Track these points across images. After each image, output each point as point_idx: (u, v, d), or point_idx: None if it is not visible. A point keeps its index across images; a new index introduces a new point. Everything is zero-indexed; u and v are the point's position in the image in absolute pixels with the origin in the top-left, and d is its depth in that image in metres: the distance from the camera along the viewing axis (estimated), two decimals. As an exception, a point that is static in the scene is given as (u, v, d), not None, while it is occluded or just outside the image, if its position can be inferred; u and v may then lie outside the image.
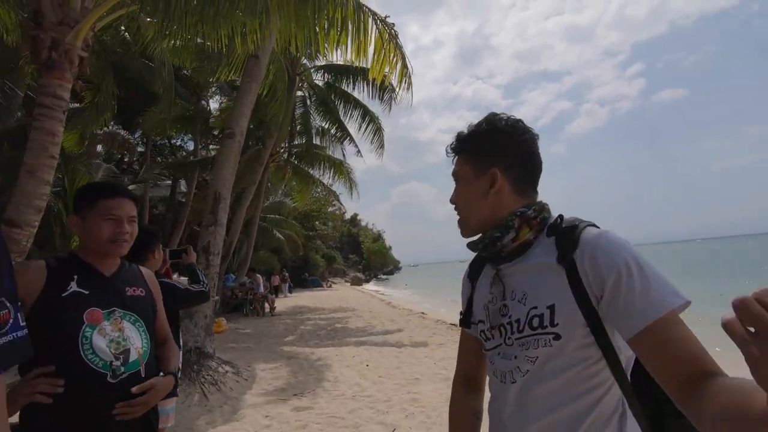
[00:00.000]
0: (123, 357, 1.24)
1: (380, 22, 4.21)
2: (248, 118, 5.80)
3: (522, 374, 0.87)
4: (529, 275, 0.89)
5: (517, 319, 0.88)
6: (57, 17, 4.46)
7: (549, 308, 0.83)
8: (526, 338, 0.86)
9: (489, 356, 0.97)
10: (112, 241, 1.30)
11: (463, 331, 1.10)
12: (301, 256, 26.90)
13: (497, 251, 0.93)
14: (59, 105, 4.43)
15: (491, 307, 0.95)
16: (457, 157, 1.01)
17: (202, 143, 17.98)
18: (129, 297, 1.34)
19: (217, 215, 5.47)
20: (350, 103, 13.14)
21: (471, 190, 0.97)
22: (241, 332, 9.52)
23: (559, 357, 0.83)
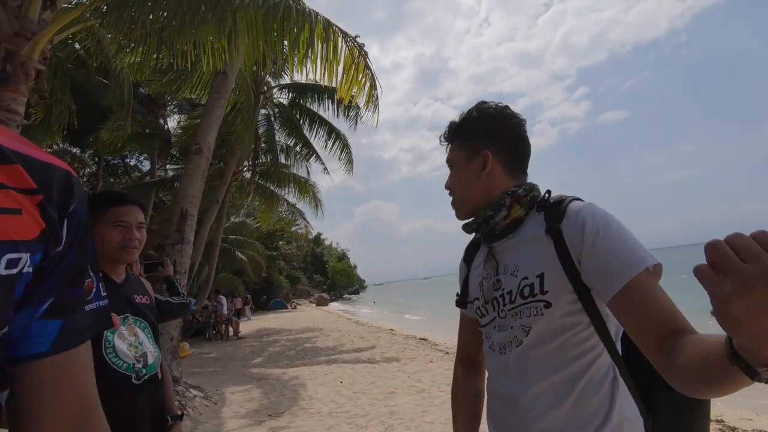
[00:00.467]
0: (143, 360, 1.29)
1: (350, 40, 4.26)
2: (216, 134, 5.71)
3: (518, 344, 0.91)
4: (521, 249, 0.94)
5: (509, 290, 0.93)
6: (13, 28, 4.29)
7: (539, 277, 0.88)
8: (518, 308, 0.91)
9: (485, 332, 1.01)
10: (122, 247, 1.33)
11: (462, 315, 1.15)
12: (265, 277, 26.16)
13: (490, 229, 0.97)
14: (13, 119, 4.22)
15: (485, 283, 0.99)
16: (450, 144, 1.06)
17: (160, 163, 17.37)
18: (138, 304, 1.39)
19: (184, 233, 5.31)
20: (315, 121, 13.16)
21: (465, 174, 1.01)
22: (205, 356, 9.11)
23: (550, 324, 0.87)
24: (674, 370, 0.68)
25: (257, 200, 15.86)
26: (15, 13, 4.31)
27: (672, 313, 0.75)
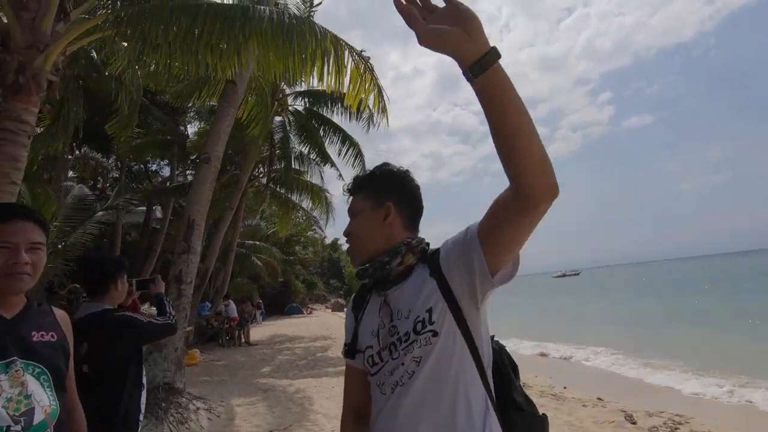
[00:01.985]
0: (25, 420, 1.03)
1: (356, 55, 4.39)
2: (225, 143, 5.71)
3: (409, 377, 0.98)
4: (412, 292, 1.03)
5: (405, 332, 1.00)
6: (26, 41, 4.35)
7: (428, 311, 0.98)
8: (411, 344, 0.98)
9: (376, 380, 1.05)
10: (6, 274, 1.07)
11: (348, 367, 1.17)
12: (282, 282, 26.31)
13: (385, 275, 1.05)
14: (24, 129, 4.26)
15: (381, 331, 1.04)
16: (354, 196, 1.15)
17: (179, 169, 17.69)
18: (35, 343, 1.13)
19: (191, 242, 5.28)
20: (330, 128, 13.20)
21: (368, 222, 1.10)
22: (215, 364, 9.12)
23: (438, 352, 0.97)
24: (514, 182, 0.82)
25: (273, 206, 15.96)
26: (29, 25, 4.38)
27: None
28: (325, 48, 4.27)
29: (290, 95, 13.39)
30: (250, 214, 20.00)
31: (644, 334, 11.89)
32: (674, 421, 4.62)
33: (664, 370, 7.63)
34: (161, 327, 2.08)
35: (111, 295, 2.00)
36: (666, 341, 10.42)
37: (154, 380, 4.72)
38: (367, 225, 1.10)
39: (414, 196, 1.14)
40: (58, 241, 7.75)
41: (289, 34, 4.23)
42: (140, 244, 17.10)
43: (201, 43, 4.61)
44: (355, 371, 1.15)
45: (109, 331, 1.89)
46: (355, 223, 1.12)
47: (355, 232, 1.12)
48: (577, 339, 11.82)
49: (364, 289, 1.17)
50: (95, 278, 1.99)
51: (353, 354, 1.12)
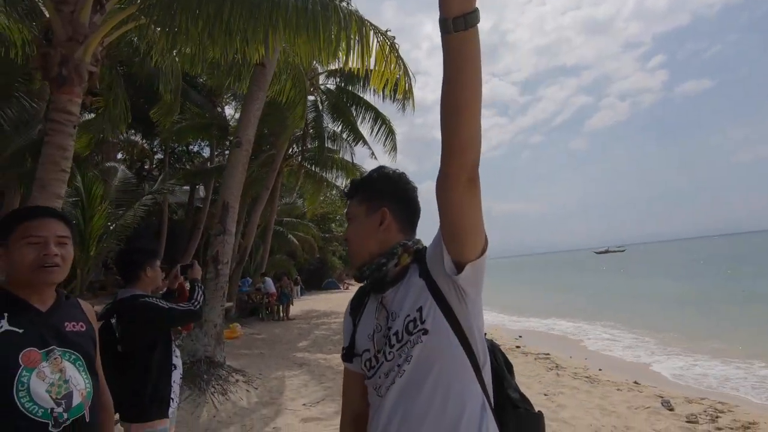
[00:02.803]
0: (65, 402, 1.13)
1: (381, 35, 4.41)
2: (255, 126, 5.81)
3: (401, 375, 0.98)
4: (404, 294, 1.03)
5: (395, 332, 1.00)
6: (67, 34, 4.54)
7: (418, 310, 0.98)
8: (404, 345, 0.99)
9: (372, 384, 1.05)
10: (38, 267, 1.15)
11: (347, 371, 1.17)
12: (318, 258, 27.01)
13: (382, 276, 1.05)
14: (69, 120, 4.51)
15: (377, 334, 1.04)
16: (351, 200, 1.15)
17: (218, 149, 18.26)
18: (68, 333, 1.22)
19: (226, 224, 5.50)
20: (362, 106, 13.14)
21: (363, 227, 1.10)
22: (255, 338, 9.58)
23: (429, 350, 0.97)
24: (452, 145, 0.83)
25: (307, 184, 16.25)
26: (68, 18, 4.56)
27: None
28: (349, 31, 4.29)
29: (322, 74, 13.36)
30: (287, 193, 20.46)
31: (691, 316, 11.35)
32: (716, 409, 4.44)
33: (710, 356, 7.29)
34: (183, 313, 2.16)
35: (142, 282, 2.14)
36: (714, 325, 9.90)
37: (196, 354, 5.05)
38: (362, 230, 1.11)
39: (409, 198, 1.13)
40: (110, 223, 8.31)
41: (314, 18, 4.27)
42: (185, 222, 17.97)
43: (228, 30, 4.67)
44: (354, 375, 1.15)
45: (134, 315, 2.04)
46: (351, 229, 1.13)
47: (351, 237, 1.13)
48: (613, 319, 11.48)
49: (362, 293, 1.17)
50: (126, 267, 2.15)
51: (351, 358, 1.12)
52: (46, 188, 4.35)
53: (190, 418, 4.21)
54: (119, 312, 2.06)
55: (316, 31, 4.39)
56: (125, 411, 1.97)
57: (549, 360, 7.03)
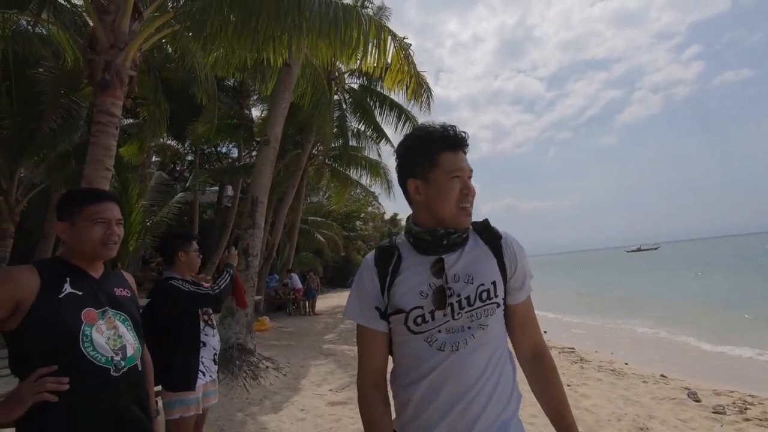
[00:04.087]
0: (121, 352, 1.30)
1: (398, 40, 4.77)
2: (282, 125, 6.06)
3: (473, 339, 1.08)
4: (472, 261, 1.12)
5: (467, 296, 1.08)
6: (109, 41, 4.88)
7: (492, 284, 1.11)
8: (477, 310, 1.09)
9: (422, 338, 1.08)
10: (103, 243, 1.34)
11: (370, 332, 1.14)
12: (343, 256, 27.33)
13: (452, 243, 1.11)
14: (112, 122, 4.85)
15: (435, 291, 1.08)
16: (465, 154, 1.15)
17: (246, 150, 18.80)
18: (118, 297, 1.39)
19: (255, 218, 5.76)
20: (386, 105, 13.27)
21: None
22: (284, 330, 9.89)
23: (498, 321, 1.13)
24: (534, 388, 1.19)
25: (332, 182, 16.53)
26: (110, 27, 4.90)
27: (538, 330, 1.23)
28: (368, 35, 4.59)
29: (346, 73, 13.58)
30: (313, 192, 20.85)
31: (728, 313, 10.97)
32: (745, 401, 4.36)
33: (744, 350, 7.08)
34: (200, 297, 2.29)
35: (178, 265, 2.36)
36: (752, 323, 9.55)
37: (229, 341, 5.32)
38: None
39: None
40: (147, 220, 8.78)
41: (336, 23, 4.55)
42: (214, 221, 18.60)
43: (256, 34, 4.92)
44: (379, 336, 1.14)
45: (161, 295, 2.26)
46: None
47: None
48: (643, 314, 11.22)
49: (386, 252, 1.15)
50: (164, 251, 2.40)
51: (389, 317, 1.11)
52: (92, 185, 4.70)
53: (224, 400, 4.47)
54: (153, 291, 2.30)
55: (338, 35, 4.65)
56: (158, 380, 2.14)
57: (574, 354, 7.00)
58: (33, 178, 9.45)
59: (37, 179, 9.39)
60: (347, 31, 4.59)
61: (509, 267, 1.15)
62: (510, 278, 1.15)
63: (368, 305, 1.14)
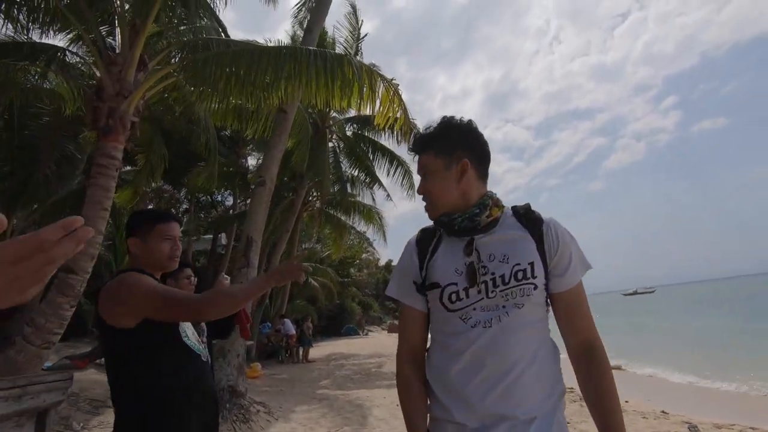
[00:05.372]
0: (199, 343, 1.57)
1: (387, 82, 5.02)
2: (278, 167, 6.27)
3: (506, 317, 1.07)
4: (507, 242, 1.12)
5: (501, 274, 1.08)
6: (114, 90, 5.17)
7: (530, 264, 1.09)
8: (512, 288, 1.08)
9: (457, 315, 1.10)
10: (171, 257, 1.55)
11: (409, 309, 1.20)
12: (337, 303, 26.85)
13: (475, 224, 1.13)
14: (113, 164, 5.03)
15: (469, 269, 1.10)
16: (423, 154, 1.19)
17: (241, 198, 19.03)
18: None
19: (249, 258, 5.81)
20: (378, 150, 13.71)
21: (444, 180, 1.15)
22: (276, 378, 9.58)
23: (535, 302, 1.10)
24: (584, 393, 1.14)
25: (327, 228, 16.63)
26: (116, 77, 5.21)
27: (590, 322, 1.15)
28: (361, 82, 4.88)
29: (339, 121, 14.13)
30: (306, 238, 20.88)
31: (723, 353, 10.85)
32: (746, 434, 4.30)
33: (743, 386, 6.98)
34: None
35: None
36: (746, 361, 9.46)
37: (219, 383, 5.17)
38: (443, 183, 1.15)
39: (482, 144, 1.19)
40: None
41: (332, 74, 4.89)
42: (208, 268, 18.44)
43: (253, 85, 5.25)
44: (417, 313, 1.19)
45: None
46: (431, 183, 1.17)
47: (432, 190, 1.17)
48: (647, 356, 11.04)
49: (428, 234, 1.21)
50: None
51: (425, 291, 1.15)
52: (89, 225, 4.79)
53: (213, 444, 4.30)
54: None
55: (333, 82, 4.97)
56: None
57: (573, 393, 6.83)
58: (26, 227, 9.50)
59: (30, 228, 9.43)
60: (341, 77, 4.89)
61: (549, 251, 1.11)
62: (551, 263, 1.11)
63: (407, 281, 1.19)
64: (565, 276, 1.12)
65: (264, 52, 5.37)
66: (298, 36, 11.44)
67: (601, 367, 1.09)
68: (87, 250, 4.74)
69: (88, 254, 4.74)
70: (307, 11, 9.65)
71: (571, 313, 1.13)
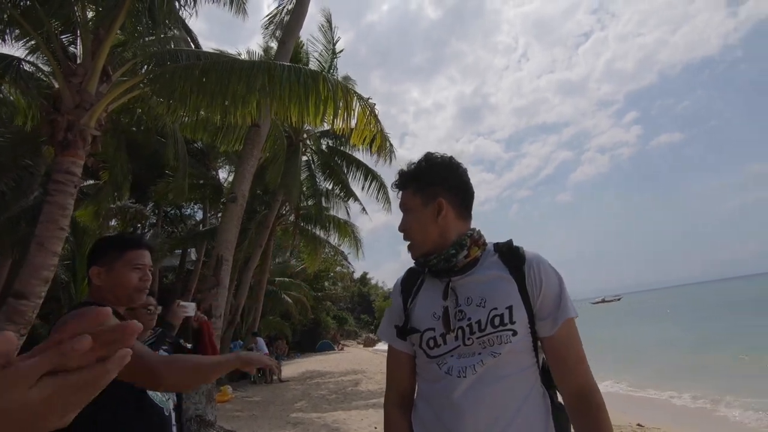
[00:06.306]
0: (166, 393, 1.40)
1: (363, 101, 5.00)
2: (249, 183, 6.07)
3: (481, 365, 1.00)
4: (485, 284, 1.05)
5: (477, 320, 1.02)
6: (74, 102, 4.88)
7: (508, 308, 1.01)
8: (488, 335, 1.01)
9: (437, 361, 1.06)
10: (139, 289, 1.37)
11: (395, 352, 1.17)
12: (312, 318, 26.35)
13: (452, 266, 1.07)
14: (71, 180, 4.71)
15: (448, 314, 1.05)
16: (404, 191, 1.16)
17: (211, 212, 18.50)
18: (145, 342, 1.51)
19: (219, 277, 5.55)
20: (353, 164, 13.63)
21: (421, 218, 1.12)
22: (248, 400, 9.19)
23: (515, 350, 1.01)
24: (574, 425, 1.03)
25: (301, 243, 16.33)
26: (76, 88, 4.92)
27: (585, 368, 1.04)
28: (337, 98, 4.81)
29: (313, 135, 13.99)
30: (280, 252, 20.45)
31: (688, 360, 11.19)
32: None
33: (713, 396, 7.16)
34: None
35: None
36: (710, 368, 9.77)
37: (187, 412, 4.86)
38: (420, 221, 1.11)
39: (462, 182, 1.14)
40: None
41: (306, 90, 4.79)
42: (176, 285, 17.74)
43: (224, 99, 5.09)
44: (404, 356, 1.14)
45: None
46: (409, 221, 1.13)
47: (410, 228, 1.13)
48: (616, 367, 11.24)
49: (413, 274, 1.17)
50: None
51: (405, 335, 1.11)
52: (44, 245, 4.45)
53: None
54: None
55: (307, 99, 4.88)
56: None
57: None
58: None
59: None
60: (315, 94, 4.82)
61: (531, 293, 1.04)
62: (535, 306, 1.04)
63: (391, 323, 1.17)
64: (548, 320, 1.03)
65: (236, 65, 5.22)
66: (272, 48, 11.31)
67: (597, 418, 1.00)
68: (41, 273, 4.41)
69: (42, 277, 4.40)
70: (275, 26, 9.55)
71: (561, 358, 1.04)
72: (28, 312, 4.31)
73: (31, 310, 4.34)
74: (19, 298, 4.30)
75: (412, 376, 1.15)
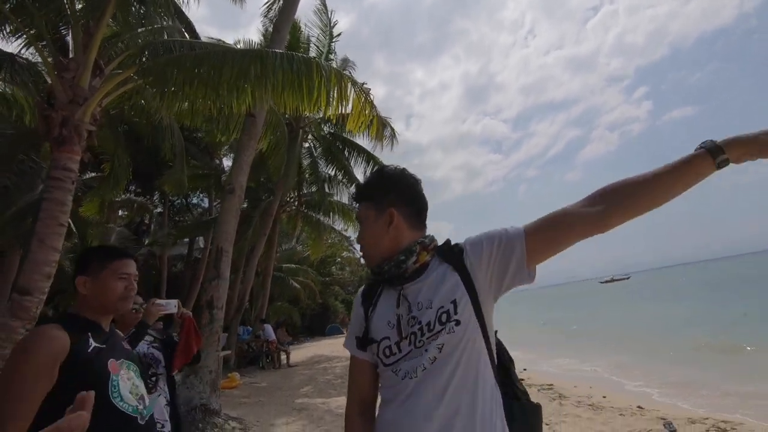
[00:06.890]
0: (142, 401, 1.36)
1: (358, 87, 4.96)
2: (247, 174, 6.06)
3: (431, 362, 1.03)
4: (432, 286, 1.09)
5: (427, 322, 1.05)
6: (68, 97, 4.86)
7: (452, 303, 1.05)
8: (437, 333, 1.04)
9: (392, 368, 1.09)
10: (124, 298, 1.40)
11: (356, 360, 1.20)
12: (321, 303, 26.68)
13: (402, 272, 1.10)
14: (69, 176, 4.74)
15: (401, 323, 1.08)
16: (360, 204, 1.21)
17: (217, 201, 18.61)
18: (125, 348, 1.46)
19: (220, 269, 5.60)
20: (354, 149, 13.57)
21: (374, 230, 1.16)
22: (255, 386, 9.38)
23: (459, 339, 1.03)
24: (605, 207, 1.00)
25: (305, 229, 16.41)
26: (69, 83, 4.90)
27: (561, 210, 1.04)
28: (330, 85, 4.77)
29: (314, 122, 13.90)
30: (286, 239, 20.59)
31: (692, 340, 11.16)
32: (719, 428, 4.36)
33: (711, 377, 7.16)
34: None
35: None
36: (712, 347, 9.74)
37: (191, 402, 4.99)
38: (373, 232, 1.15)
39: (413, 193, 1.17)
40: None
41: (299, 77, 4.75)
42: (185, 274, 18.00)
43: (219, 88, 5.04)
44: (365, 365, 1.17)
45: None
46: (364, 232, 1.18)
47: (363, 239, 1.18)
48: (616, 348, 11.27)
49: (374, 285, 1.20)
50: None
51: (365, 345, 1.14)
52: (44, 242, 4.50)
53: (184, 468, 4.13)
54: None
55: (300, 87, 4.83)
56: None
57: (552, 390, 6.89)
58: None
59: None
60: (309, 84, 4.76)
61: (473, 273, 1.07)
62: (488, 273, 1.06)
63: (352, 334, 1.20)
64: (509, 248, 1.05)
65: (228, 55, 5.16)
66: (270, 34, 11.15)
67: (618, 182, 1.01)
68: (42, 269, 4.48)
69: (44, 273, 4.46)
70: (275, 12, 9.39)
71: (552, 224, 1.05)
72: (32, 308, 4.39)
73: (35, 306, 4.42)
74: (24, 294, 4.38)
75: (374, 384, 1.17)
